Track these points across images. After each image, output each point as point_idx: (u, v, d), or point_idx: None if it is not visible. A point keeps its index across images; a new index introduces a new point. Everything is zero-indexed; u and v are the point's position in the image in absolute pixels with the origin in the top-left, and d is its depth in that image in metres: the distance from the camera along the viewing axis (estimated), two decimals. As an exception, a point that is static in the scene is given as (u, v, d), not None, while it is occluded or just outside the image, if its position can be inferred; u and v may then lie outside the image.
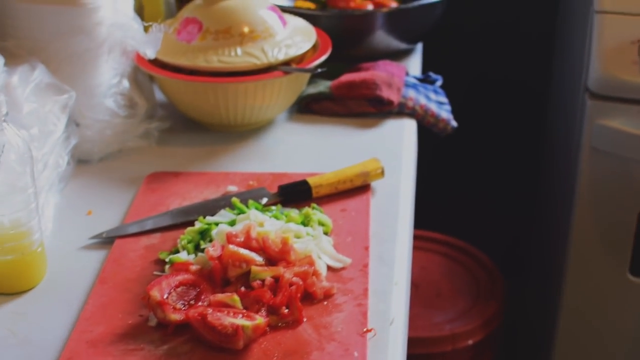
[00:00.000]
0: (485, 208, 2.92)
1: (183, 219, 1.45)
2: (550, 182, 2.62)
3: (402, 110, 1.79)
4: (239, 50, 1.67)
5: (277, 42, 1.70)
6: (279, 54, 1.68)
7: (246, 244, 1.28)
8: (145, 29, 1.68)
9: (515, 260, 2.85)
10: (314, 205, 1.44)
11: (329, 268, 1.31)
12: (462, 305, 2.32)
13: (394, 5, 2.03)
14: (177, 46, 1.70)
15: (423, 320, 2.26)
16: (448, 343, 2.21)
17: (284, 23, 1.74)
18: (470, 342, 2.23)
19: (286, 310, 1.20)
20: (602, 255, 2.15)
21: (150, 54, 1.66)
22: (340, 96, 1.79)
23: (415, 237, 2.50)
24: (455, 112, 1.87)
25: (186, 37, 1.69)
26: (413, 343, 2.16)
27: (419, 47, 2.12)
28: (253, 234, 1.29)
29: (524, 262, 2.87)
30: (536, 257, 2.78)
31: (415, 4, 1.99)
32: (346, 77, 1.82)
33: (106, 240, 1.42)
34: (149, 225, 1.44)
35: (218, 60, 1.66)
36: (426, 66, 2.12)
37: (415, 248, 2.49)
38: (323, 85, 1.82)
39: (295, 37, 1.73)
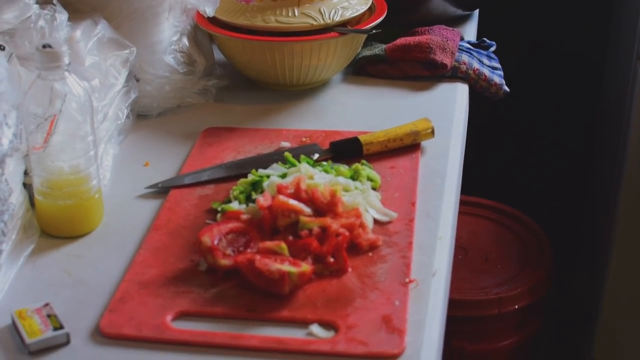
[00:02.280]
0: (537, 175, 2.93)
1: (237, 172, 1.48)
2: (602, 149, 2.62)
3: (455, 74, 1.81)
4: (296, 11, 1.70)
5: (333, 3, 1.72)
6: (335, 16, 1.71)
7: (296, 195, 1.32)
8: (206, -12, 1.72)
9: (566, 228, 2.85)
10: (364, 161, 1.48)
11: (376, 221, 1.34)
12: (510, 270, 2.34)
13: (451, -29, 2.05)
14: (236, 6, 1.73)
15: (470, 284, 2.28)
16: (494, 307, 2.23)
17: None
18: (516, 306, 2.24)
19: (332, 259, 1.24)
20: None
21: (209, 12, 1.70)
22: (394, 59, 1.82)
23: (466, 203, 2.53)
24: (508, 77, 1.89)
25: (245, -1, 1.73)
26: (460, 305, 2.19)
27: (475, 13, 2.13)
28: (303, 186, 1.33)
29: (574, 230, 2.87)
30: (586, 226, 2.79)
31: (473, -30, 2.00)
32: (401, 41, 1.84)
33: (161, 190, 1.46)
34: (203, 176, 1.48)
35: (276, 20, 1.69)
36: (481, 33, 2.13)
37: (466, 213, 2.52)
38: (378, 48, 1.85)
39: (352, 0, 1.76)
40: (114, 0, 1.62)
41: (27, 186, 1.37)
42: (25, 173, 1.36)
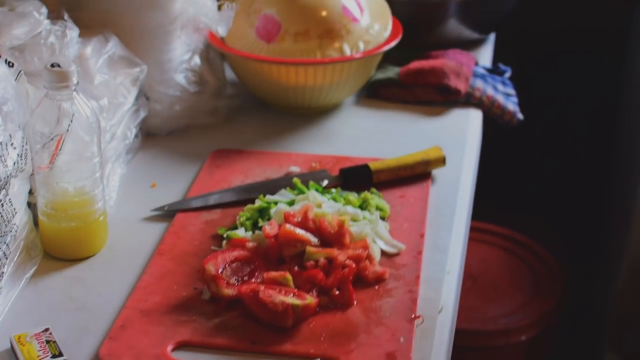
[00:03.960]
0: (550, 204, 2.90)
1: (244, 196, 1.47)
2: (618, 179, 2.60)
3: (468, 100, 1.79)
4: (317, 54, 1.67)
5: (354, 39, 1.69)
6: (356, 53, 1.69)
7: (303, 225, 1.30)
8: (219, 7, 1.70)
9: (579, 259, 2.83)
10: (373, 189, 1.46)
11: (383, 253, 1.32)
12: (519, 300, 2.32)
13: (468, -6, 2.03)
14: (256, 44, 1.70)
15: (478, 313, 2.26)
16: (501, 337, 2.21)
17: (361, 10, 1.74)
18: (523, 337, 2.22)
19: (337, 292, 1.22)
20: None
21: (222, 31, 1.68)
22: (408, 83, 1.80)
23: (477, 229, 2.50)
24: (523, 105, 1.87)
25: (265, 37, 1.70)
26: (466, 335, 2.16)
27: (491, 37, 2.11)
28: (310, 215, 1.31)
29: (587, 259, 2.85)
30: (600, 255, 2.76)
31: (490, -6, 1.99)
32: (415, 65, 1.83)
33: (168, 213, 1.45)
34: (210, 200, 1.46)
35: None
36: (497, 57, 2.11)
37: (476, 240, 2.50)
38: (392, 71, 1.83)
39: (374, 27, 1.73)
40: (125, 17, 1.61)
41: (31, 205, 1.35)
42: (30, 192, 1.35)
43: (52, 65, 1.24)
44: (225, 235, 1.36)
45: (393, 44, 1.74)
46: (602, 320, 2.46)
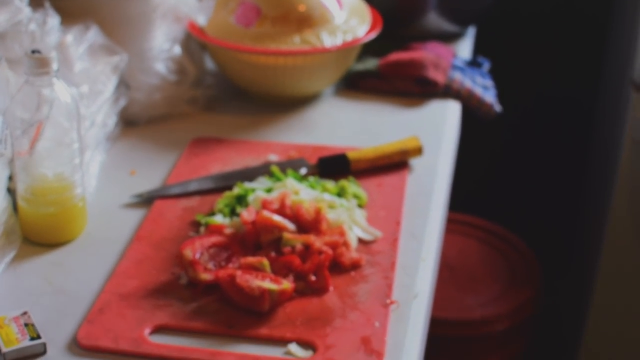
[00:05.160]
0: (528, 196, 2.92)
1: (223, 184, 1.48)
2: (593, 173, 2.62)
3: (447, 92, 1.80)
4: (296, 39, 1.69)
5: (333, 28, 1.71)
6: (335, 41, 1.70)
7: (280, 211, 1.31)
8: (199, -4, 1.72)
9: (555, 250, 2.85)
10: (351, 177, 1.47)
11: (360, 240, 1.33)
12: (496, 290, 2.33)
13: (448, -13, 2.04)
14: (234, 30, 1.71)
15: (455, 303, 2.27)
16: (478, 326, 2.22)
17: (340, 5, 1.75)
18: (500, 327, 2.23)
19: (313, 278, 1.23)
20: (638, 249, 2.15)
21: (201, 21, 1.69)
22: (387, 74, 1.81)
23: (455, 221, 2.52)
24: (502, 97, 1.88)
25: (244, 22, 1.71)
26: (443, 324, 2.17)
27: (471, 30, 2.13)
28: (288, 202, 1.32)
29: (563, 252, 2.87)
30: (575, 248, 2.78)
31: (470, -13, 2.00)
32: (394, 56, 1.84)
33: (146, 200, 1.46)
34: (189, 187, 1.47)
35: (276, 47, 1.68)
36: (477, 50, 2.12)
37: (454, 231, 2.51)
38: (371, 63, 1.84)
39: (351, 21, 1.74)
40: (106, 6, 1.62)
41: (10, 191, 1.36)
42: (10, 178, 1.35)
43: (33, 52, 1.25)
44: (203, 222, 1.37)
45: (372, 35, 1.75)
46: (579, 313, 2.48)
